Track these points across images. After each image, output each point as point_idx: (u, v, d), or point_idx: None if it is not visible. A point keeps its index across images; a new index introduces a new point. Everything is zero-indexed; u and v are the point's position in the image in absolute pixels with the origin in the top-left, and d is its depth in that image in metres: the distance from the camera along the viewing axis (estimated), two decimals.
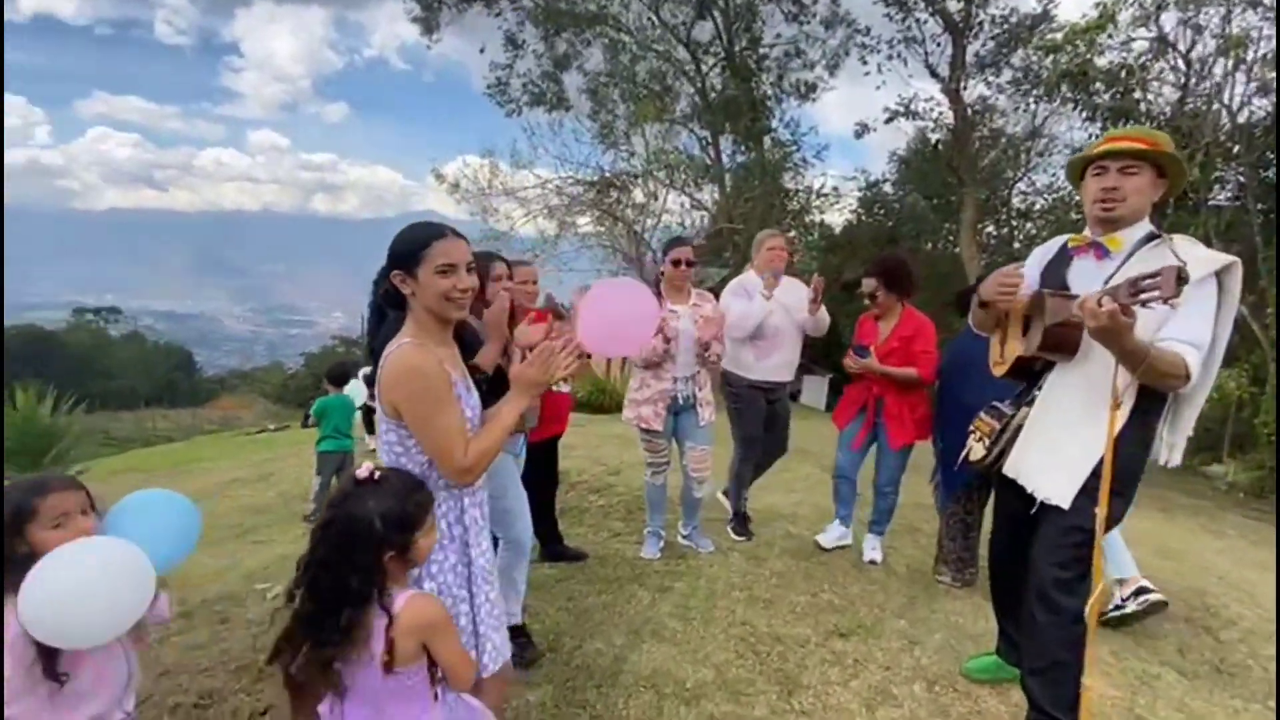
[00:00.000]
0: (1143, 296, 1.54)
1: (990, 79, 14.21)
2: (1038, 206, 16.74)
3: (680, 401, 3.36)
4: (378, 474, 1.45)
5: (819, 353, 24.54)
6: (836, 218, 18.15)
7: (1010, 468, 2.06)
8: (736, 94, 14.96)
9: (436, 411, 1.52)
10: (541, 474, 3.44)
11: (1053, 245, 2.18)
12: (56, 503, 1.42)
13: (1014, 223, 17.58)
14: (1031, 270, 2.15)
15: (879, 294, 3.44)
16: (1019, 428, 2.05)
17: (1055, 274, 2.07)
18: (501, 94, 15.62)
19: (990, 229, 17.63)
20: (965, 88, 14.04)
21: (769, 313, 3.44)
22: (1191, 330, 1.76)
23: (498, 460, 2.56)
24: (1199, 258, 1.79)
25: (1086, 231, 2.05)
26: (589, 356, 1.98)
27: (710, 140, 15.44)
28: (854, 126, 15.06)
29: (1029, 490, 1.98)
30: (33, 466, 4.83)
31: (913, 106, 14.75)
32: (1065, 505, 1.88)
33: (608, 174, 16.10)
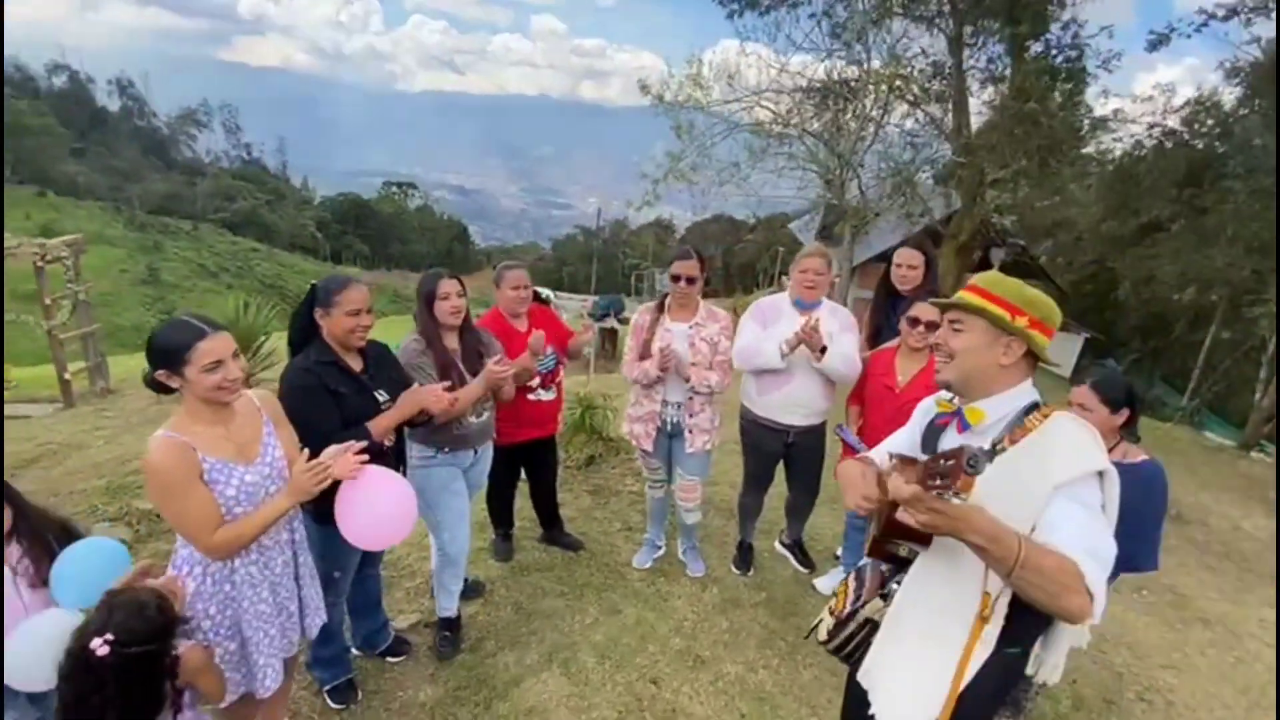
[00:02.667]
0: (929, 485, 1.16)
1: None
2: None
3: (669, 426, 3.16)
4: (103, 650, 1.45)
5: (1074, 308, 20.58)
6: (1117, 146, 14.39)
7: (863, 674, 1.61)
8: None
9: (173, 502, 1.68)
10: (533, 472, 3.55)
11: (929, 402, 1.68)
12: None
13: None
14: (913, 429, 1.68)
15: (939, 325, 2.76)
16: (868, 622, 1.61)
17: (929, 443, 1.58)
18: None
19: None
20: None
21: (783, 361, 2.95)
22: (1086, 532, 1.27)
23: (427, 478, 2.73)
24: (1074, 451, 1.35)
25: None
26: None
27: (956, 42, 12.86)
28: (1147, 36, 11.45)
29: (872, 714, 1.55)
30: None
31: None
32: None
33: (835, 79, 14.44)
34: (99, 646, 1.42)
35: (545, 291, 7.35)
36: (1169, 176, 15.10)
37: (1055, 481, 1.32)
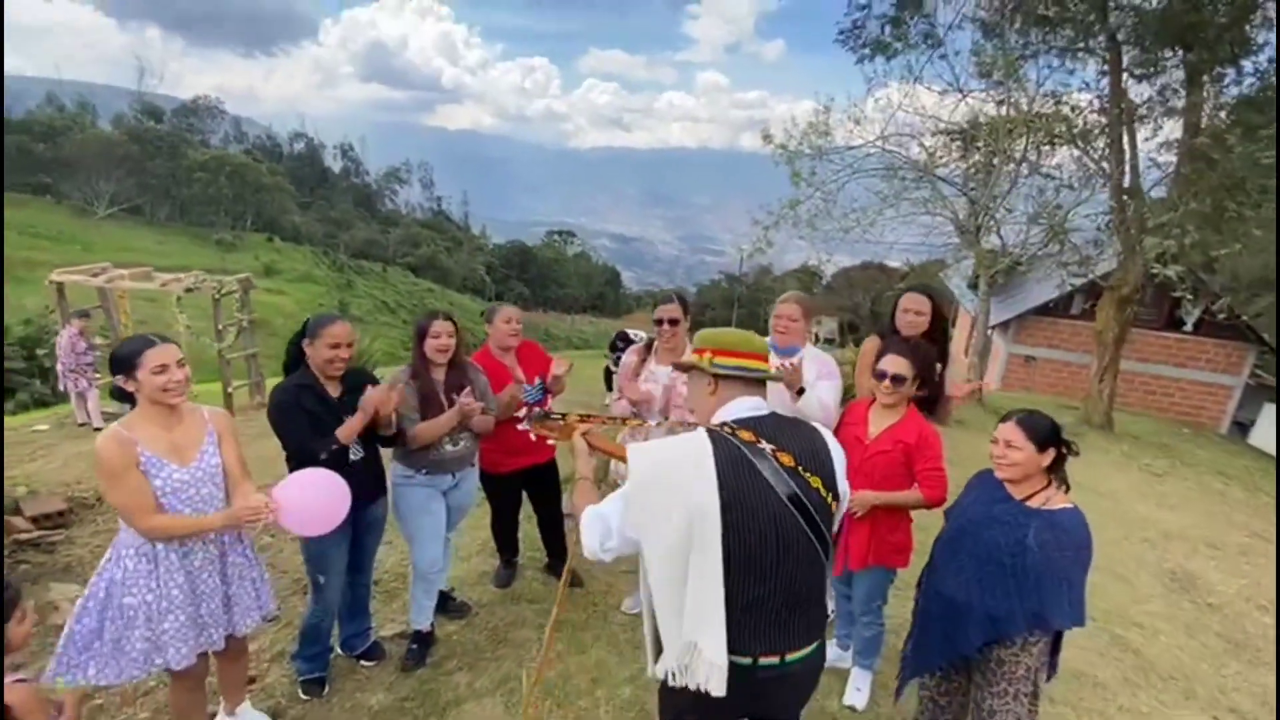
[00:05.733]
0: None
1: None
2: None
3: None
4: None
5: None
6: None
7: None
8: (1184, 10, 10.75)
9: (113, 484, 1.99)
10: (537, 501, 3.66)
11: None
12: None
13: None
14: None
15: (906, 382, 2.54)
16: None
17: None
18: (855, 39, 14.26)
19: None
20: None
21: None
22: (609, 502, 1.63)
23: (405, 496, 2.95)
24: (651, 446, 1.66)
25: None
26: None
27: (1116, 73, 11.52)
28: None
29: None
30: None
31: None
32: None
33: (980, 122, 13.58)
34: None
35: (636, 333, 7.56)
36: None
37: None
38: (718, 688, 1.46)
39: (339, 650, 3.01)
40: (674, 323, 3.06)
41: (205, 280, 7.78)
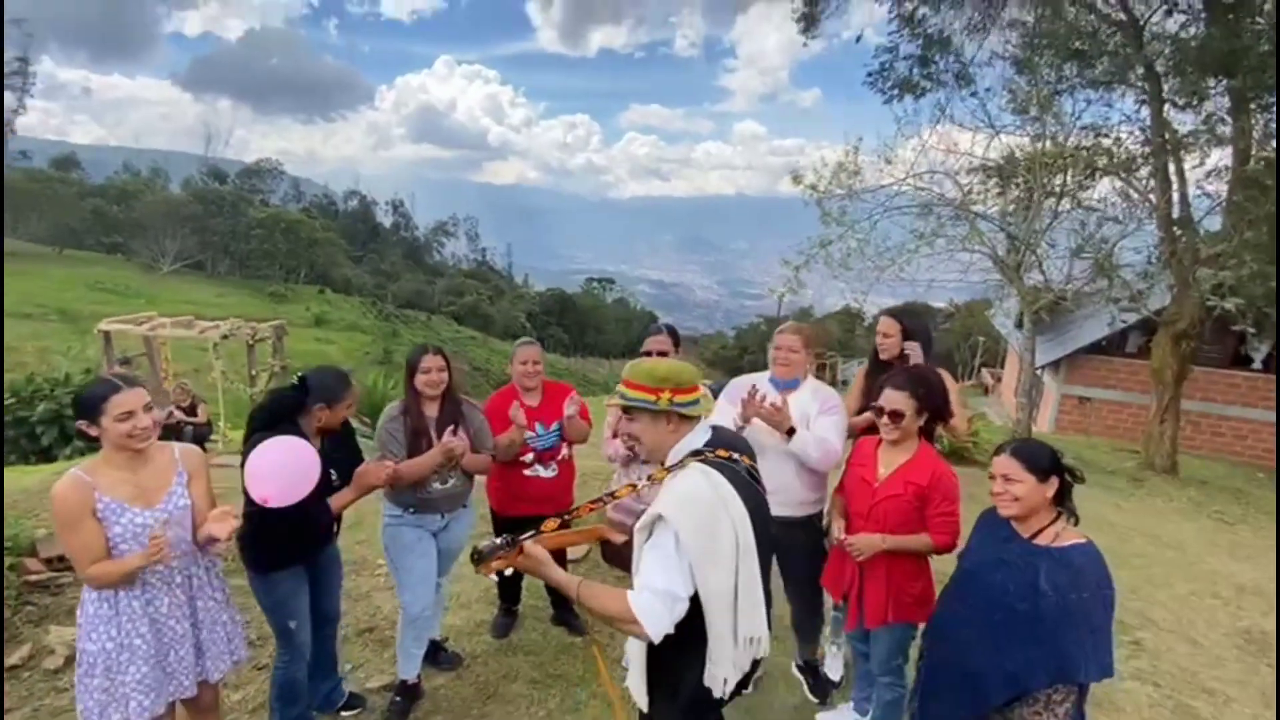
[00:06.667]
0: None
1: None
2: None
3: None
4: None
5: None
6: None
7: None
8: (1223, 36, 10.42)
9: (64, 531, 1.93)
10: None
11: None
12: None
13: None
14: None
15: (905, 417, 2.33)
16: None
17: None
18: (885, 80, 14.27)
19: None
20: None
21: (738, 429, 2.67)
22: (643, 573, 1.60)
23: (394, 536, 2.84)
24: (660, 496, 1.67)
25: None
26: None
27: (1157, 102, 11.15)
28: None
29: None
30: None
31: None
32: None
33: (1018, 156, 13.33)
34: None
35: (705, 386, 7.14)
36: None
37: (643, 526, 1.64)
38: (765, 649, 1.69)
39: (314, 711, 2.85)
40: (662, 355, 2.93)
41: (241, 327, 8.02)
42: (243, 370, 8.47)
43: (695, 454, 1.70)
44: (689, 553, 1.55)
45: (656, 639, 1.54)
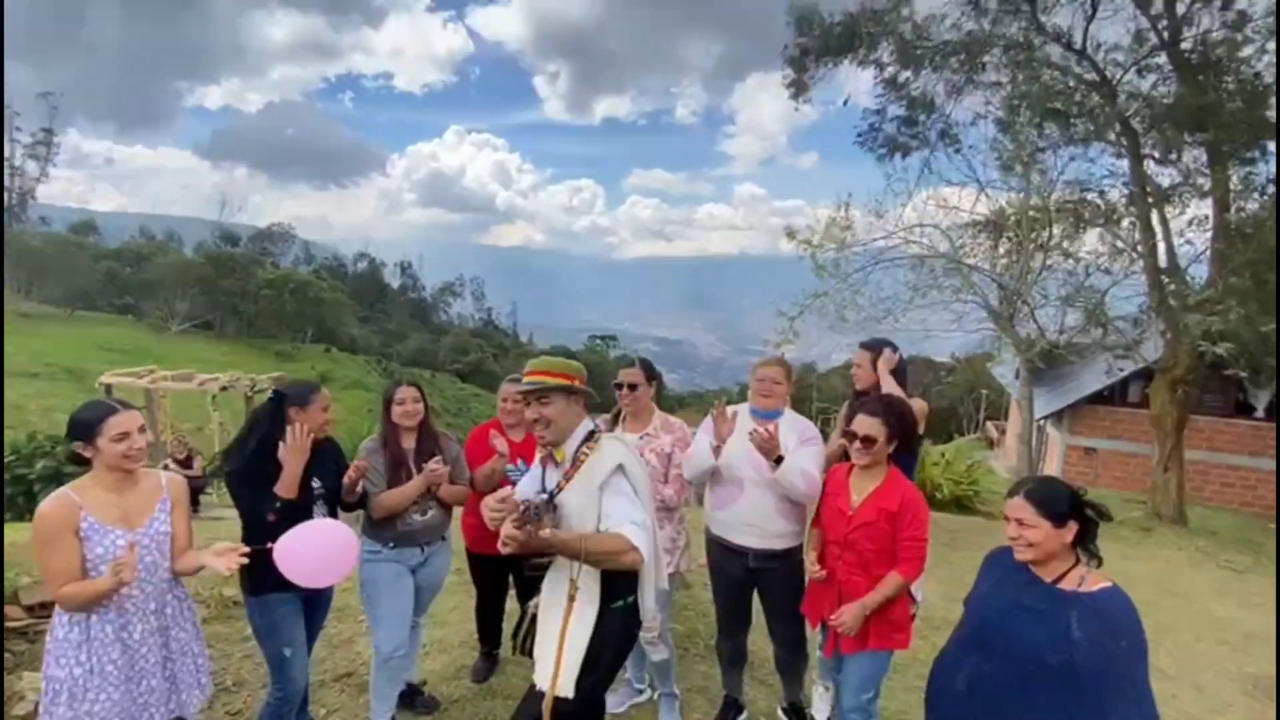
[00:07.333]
0: (522, 527, 1.84)
1: None
2: None
3: None
4: None
5: None
6: None
7: (536, 657, 2.12)
8: (1194, 95, 10.80)
9: (42, 549, 1.95)
10: (522, 589, 3.45)
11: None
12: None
13: None
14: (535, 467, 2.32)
15: (877, 443, 2.36)
16: (533, 616, 2.15)
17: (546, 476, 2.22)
18: (874, 140, 14.78)
19: None
20: None
21: (717, 457, 2.70)
22: (619, 514, 1.98)
23: (371, 572, 2.84)
24: (603, 459, 2.08)
25: None
26: None
27: (1136, 157, 11.47)
28: None
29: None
30: None
31: None
32: (547, 691, 1.98)
33: (1007, 211, 13.67)
34: None
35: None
36: None
37: (598, 484, 2.03)
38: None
39: None
40: (633, 387, 2.98)
41: (240, 379, 8.12)
42: (241, 422, 8.54)
43: (590, 435, 2.13)
44: (641, 493, 2.06)
45: (647, 552, 1.92)
